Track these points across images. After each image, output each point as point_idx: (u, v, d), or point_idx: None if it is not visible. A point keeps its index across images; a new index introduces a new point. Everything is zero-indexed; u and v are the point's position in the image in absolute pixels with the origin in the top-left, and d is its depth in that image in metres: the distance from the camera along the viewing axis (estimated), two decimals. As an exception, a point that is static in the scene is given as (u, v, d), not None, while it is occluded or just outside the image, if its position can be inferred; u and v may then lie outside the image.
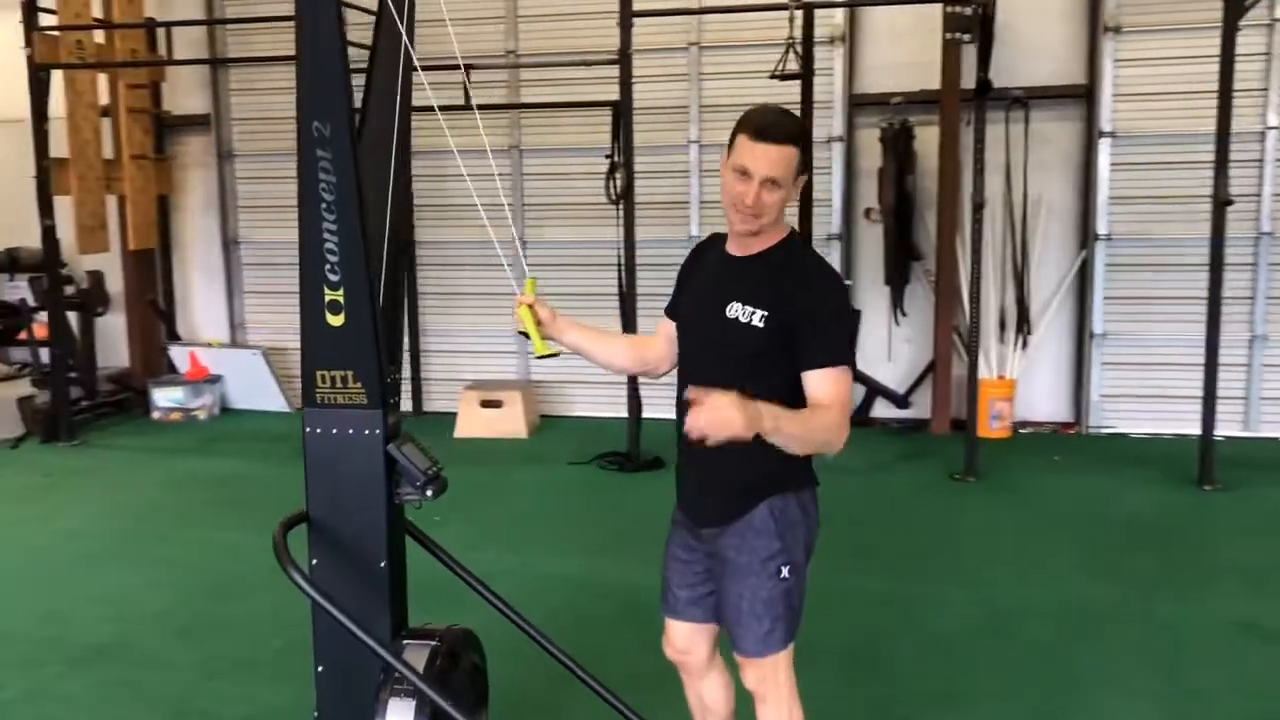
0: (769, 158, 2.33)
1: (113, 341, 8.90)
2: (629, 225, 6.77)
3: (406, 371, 8.47)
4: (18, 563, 5.28)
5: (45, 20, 7.45)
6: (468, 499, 6.25)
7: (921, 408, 7.79)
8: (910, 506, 6.12)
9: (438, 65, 7.45)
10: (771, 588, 2.47)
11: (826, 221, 7.80)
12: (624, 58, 6.62)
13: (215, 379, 8.52)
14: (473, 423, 7.71)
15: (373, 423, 2.83)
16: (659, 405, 6.62)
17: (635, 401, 6.85)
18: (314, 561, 2.90)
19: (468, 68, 7.36)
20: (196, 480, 6.77)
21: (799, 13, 6.37)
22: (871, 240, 7.82)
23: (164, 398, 8.36)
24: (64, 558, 5.35)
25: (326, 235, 2.72)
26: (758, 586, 2.47)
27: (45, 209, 7.51)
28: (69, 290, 8.11)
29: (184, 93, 8.74)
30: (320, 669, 2.91)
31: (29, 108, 7.37)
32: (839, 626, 4.29)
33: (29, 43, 7.35)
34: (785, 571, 2.49)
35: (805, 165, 2.42)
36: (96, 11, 7.91)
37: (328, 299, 2.76)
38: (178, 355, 8.66)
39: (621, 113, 6.69)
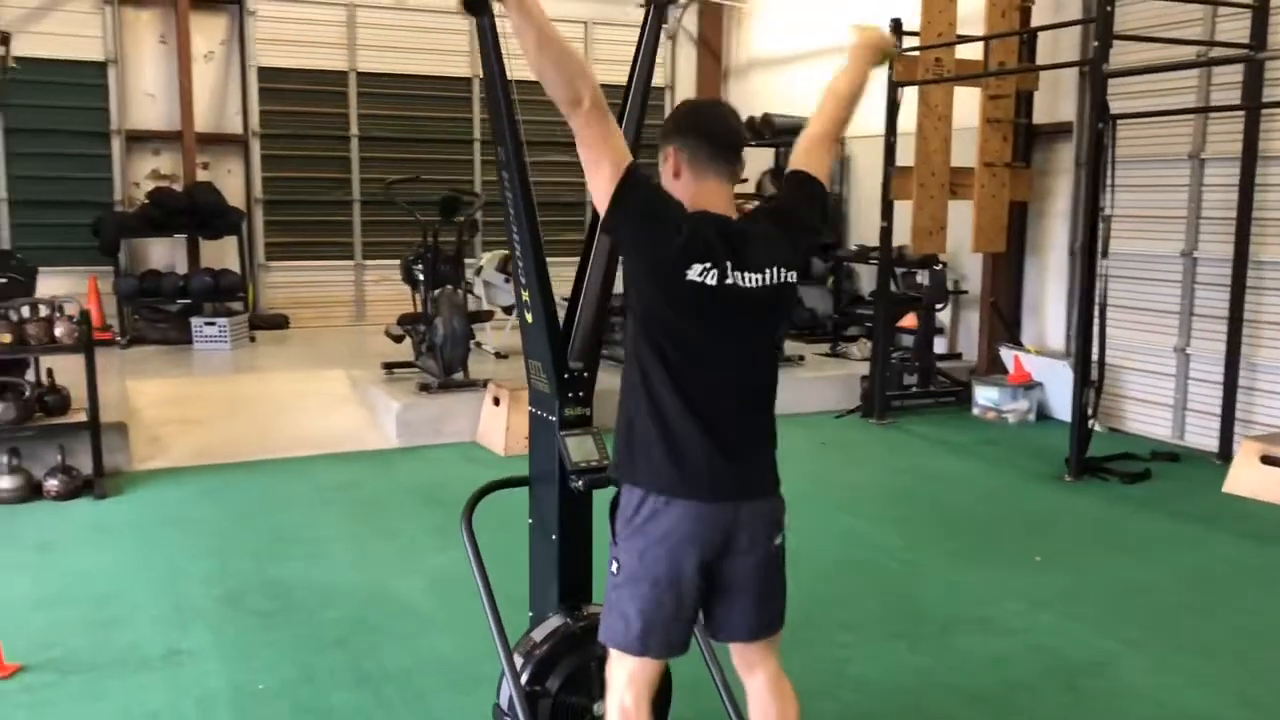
0: None
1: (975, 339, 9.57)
2: None
3: (1215, 408, 7.44)
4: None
5: (909, 42, 8.33)
6: (1138, 558, 5.56)
7: None
8: None
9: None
10: (608, 578, 2.52)
11: None
12: None
13: (1034, 385, 8.56)
14: (1247, 479, 6.53)
15: (552, 409, 3.20)
16: None
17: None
18: (529, 521, 3.39)
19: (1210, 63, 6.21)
20: (917, 473, 7.15)
21: None
22: None
23: (983, 396, 8.72)
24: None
25: (516, 243, 3.17)
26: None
27: (885, 212, 8.49)
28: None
29: (1059, 101, 8.80)
30: (531, 615, 3.39)
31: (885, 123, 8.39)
32: None
33: (891, 65, 8.31)
34: (613, 567, 2.48)
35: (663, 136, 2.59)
36: (970, 28, 8.47)
37: (524, 298, 3.21)
38: (1007, 357, 8.89)
39: None
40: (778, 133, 11.07)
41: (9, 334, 6.19)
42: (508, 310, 9.58)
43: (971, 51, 8.48)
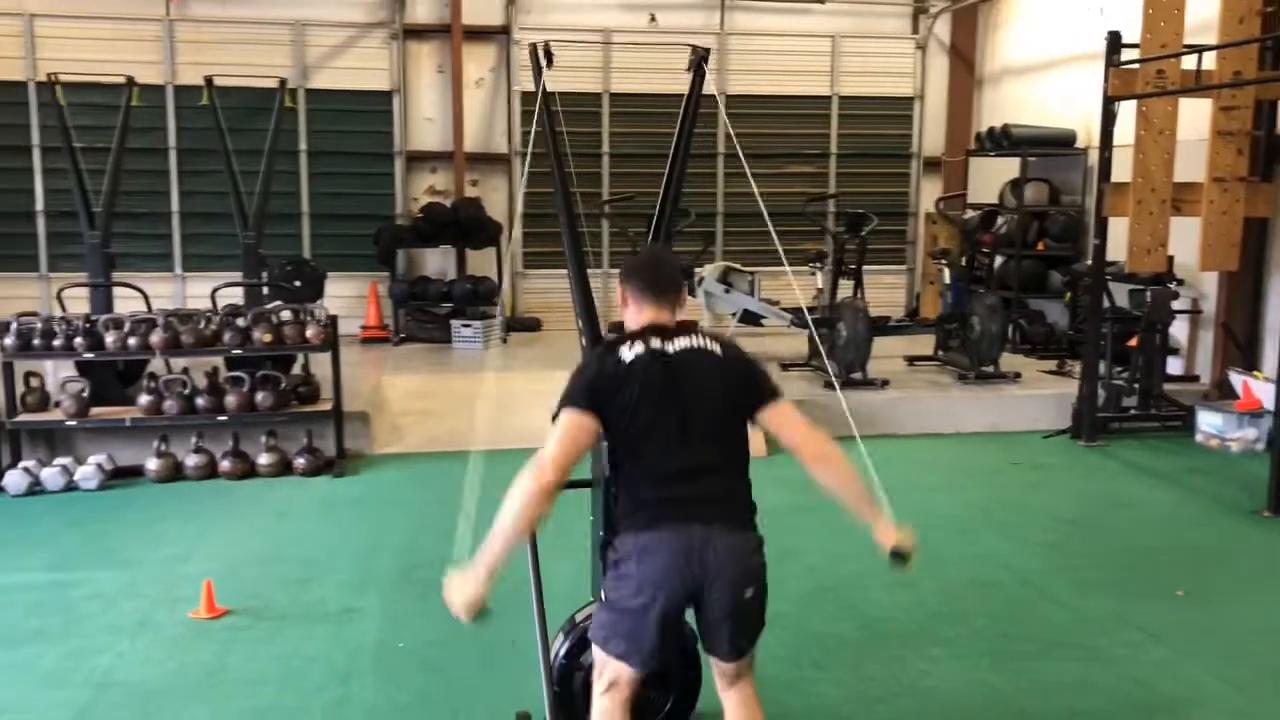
0: None
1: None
2: None
3: None
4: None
5: (1128, 55, 8.08)
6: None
7: None
8: None
9: None
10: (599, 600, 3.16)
11: None
12: None
13: (1263, 413, 8.06)
14: None
15: (598, 427, 3.67)
16: None
17: None
18: (591, 519, 3.88)
19: None
20: (1099, 498, 7.00)
21: None
22: None
23: (1206, 422, 8.30)
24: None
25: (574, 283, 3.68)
26: None
27: (1098, 229, 8.27)
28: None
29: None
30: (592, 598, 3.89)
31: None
32: None
33: (1107, 78, 8.10)
34: (602, 595, 3.06)
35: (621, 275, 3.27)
36: (1201, 37, 8.08)
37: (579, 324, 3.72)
38: (1236, 382, 8.40)
39: None
40: (1015, 144, 10.91)
41: (269, 334, 7.35)
42: (747, 320, 10.05)
43: (1192, 61, 8.08)
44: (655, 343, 3.05)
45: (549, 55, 3.94)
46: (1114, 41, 8.10)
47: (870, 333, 8.85)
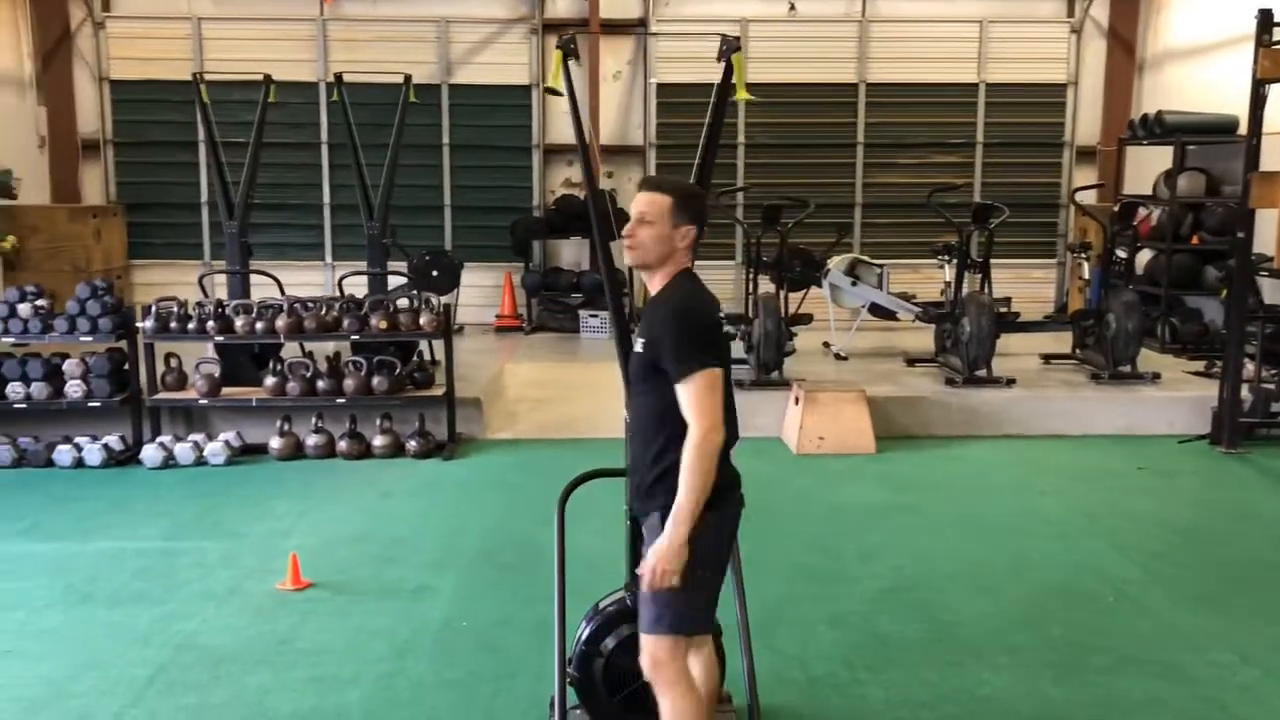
0: (642, 200, 3.03)
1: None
2: None
3: None
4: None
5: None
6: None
7: None
8: None
9: None
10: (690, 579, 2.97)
11: None
12: None
13: None
14: None
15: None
16: None
17: None
18: (625, 508, 3.90)
19: None
20: (1224, 508, 6.56)
21: None
22: None
23: (1363, 430, 7.67)
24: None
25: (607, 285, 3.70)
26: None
27: (1244, 222, 7.73)
28: None
29: None
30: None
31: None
32: None
33: (1256, 59, 7.56)
34: (698, 571, 2.99)
35: (688, 218, 2.97)
36: (1366, 14, 7.47)
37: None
38: (1400, 388, 7.72)
39: None
40: (1169, 131, 10.31)
41: (385, 321, 7.64)
42: (877, 312, 9.86)
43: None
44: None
45: (575, 48, 3.99)
46: (1265, 20, 7.55)
47: (994, 328, 8.51)
